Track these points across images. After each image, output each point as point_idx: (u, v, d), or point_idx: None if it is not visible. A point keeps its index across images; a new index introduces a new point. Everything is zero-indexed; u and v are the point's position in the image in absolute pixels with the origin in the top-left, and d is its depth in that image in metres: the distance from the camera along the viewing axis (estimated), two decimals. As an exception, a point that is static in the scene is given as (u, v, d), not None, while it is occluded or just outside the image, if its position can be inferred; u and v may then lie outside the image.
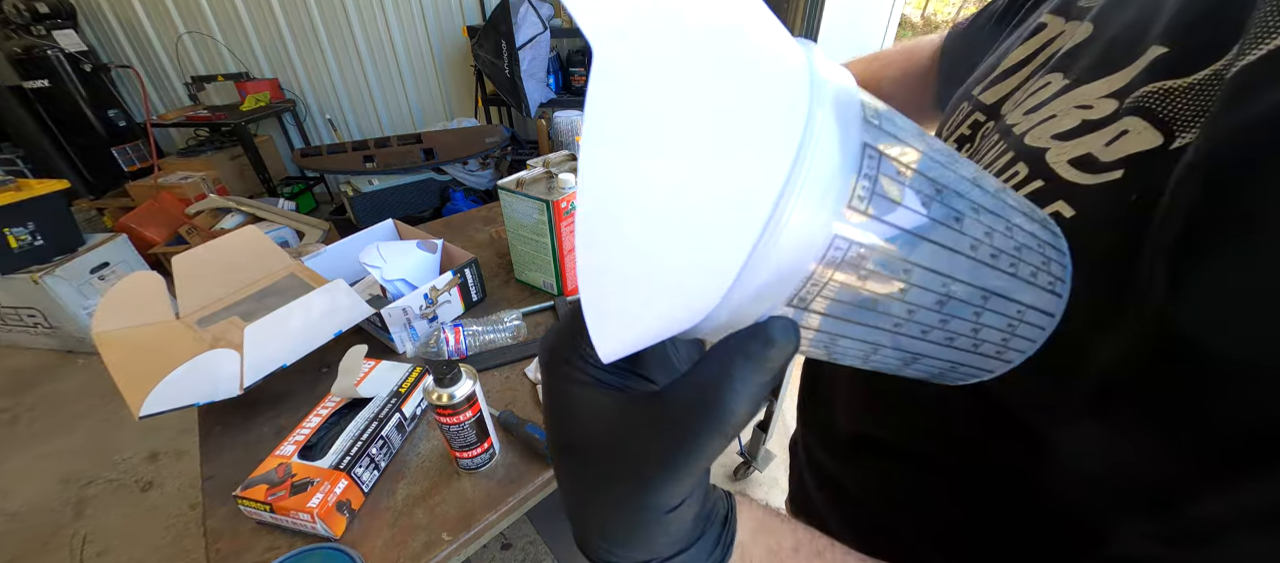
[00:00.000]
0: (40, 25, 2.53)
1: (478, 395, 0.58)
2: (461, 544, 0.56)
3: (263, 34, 2.88)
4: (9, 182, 1.85)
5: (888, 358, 0.18)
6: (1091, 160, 0.22)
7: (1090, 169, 0.22)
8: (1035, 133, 0.26)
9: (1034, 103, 0.28)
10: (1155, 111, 0.20)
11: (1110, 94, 0.23)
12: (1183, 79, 0.20)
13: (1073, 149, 0.23)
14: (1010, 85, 0.32)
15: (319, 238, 2.34)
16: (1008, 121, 0.29)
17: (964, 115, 0.35)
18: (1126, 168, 0.21)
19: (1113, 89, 0.23)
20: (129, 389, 0.61)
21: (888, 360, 0.18)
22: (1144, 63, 0.22)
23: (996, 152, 0.29)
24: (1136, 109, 0.21)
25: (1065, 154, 0.24)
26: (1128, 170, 0.21)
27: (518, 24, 2.13)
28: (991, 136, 0.30)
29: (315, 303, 0.71)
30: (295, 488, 0.55)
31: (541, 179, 0.89)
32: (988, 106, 0.33)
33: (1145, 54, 0.22)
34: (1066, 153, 0.24)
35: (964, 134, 0.34)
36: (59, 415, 1.83)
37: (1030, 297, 0.18)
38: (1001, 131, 0.29)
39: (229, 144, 2.89)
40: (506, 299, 0.95)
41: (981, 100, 0.34)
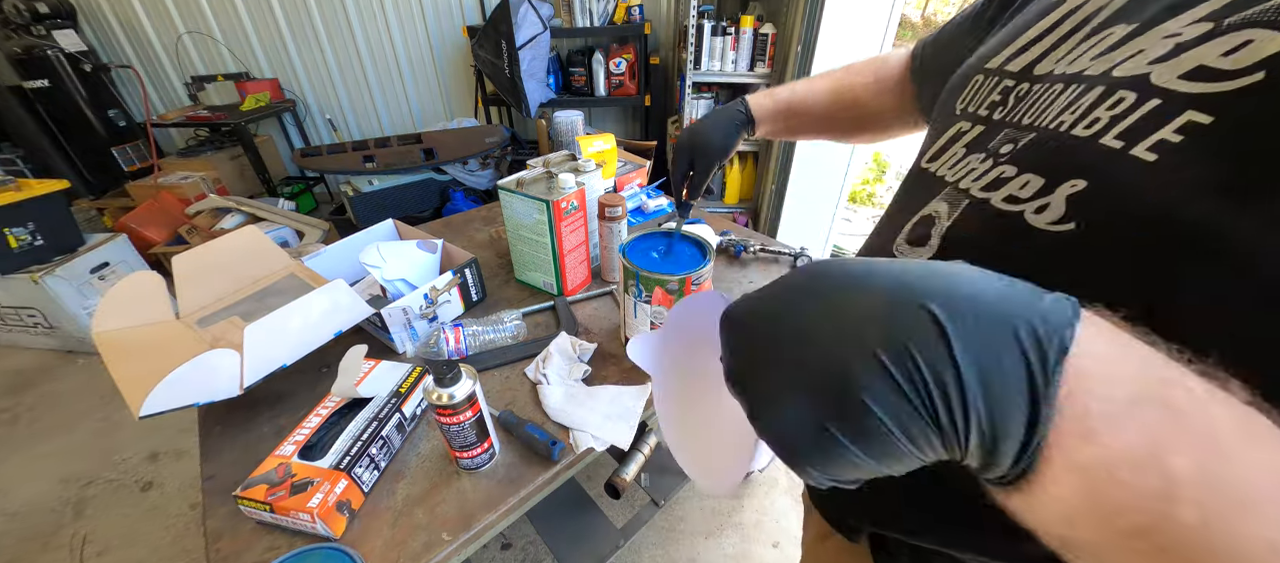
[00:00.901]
0: (40, 25, 2.53)
1: (478, 395, 0.58)
2: (461, 544, 0.56)
3: (263, 34, 2.88)
4: (9, 182, 1.85)
5: None
6: (1210, 70, 0.22)
7: (1215, 79, 0.21)
8: (1124, 66, 0.26)
9: (1102, 48, 0.27)
10: (1277, 22, 0.20)
11: (1200, 20, 0.23)
12: None
13: (1180, 65, 0.23)
14: (1039, 50, 0.32)
15: (319, 238, 2.34)
16: (1069, 71, 0.29)
17: (990, 86, 0.35)
18: (1269, 69, 0.20)
19: (1200, 15, 0.23)
20: (129, 389, 0.61)
21: None
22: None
23: (1073, 92, 0.28)
24: (1252, 22, 0.21)
25: (1173, 70, 0.23)
26: (1270, 70, 0.20)
27: (518, 24, 2.13)
28: (1046, 87, 0.30)
29: (315, 303, 0.71)
30: (295, 488, 0.55)
31: (541, 179, 0.89)
32: (1016, 72, 0.33)
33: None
34: (1174, 69, 0.23)
35: (995, 100, 0.34)
36: (59, 415, 1.83)
37: None
38: (1064, 79, 0.29)
39: (229, 144, 2.89)
40: (506, 299, 0.95)
41: (1007, 69, 0.34)
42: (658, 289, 0.69)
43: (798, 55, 1.91)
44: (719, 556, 1.33)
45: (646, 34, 2.37)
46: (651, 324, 0.73)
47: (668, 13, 2.62)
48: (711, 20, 2.06)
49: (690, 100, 2.24)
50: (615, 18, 2.37)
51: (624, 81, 2.49)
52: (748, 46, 2.10)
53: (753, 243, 1.06)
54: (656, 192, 1.33)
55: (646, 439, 0.91)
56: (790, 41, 2.01)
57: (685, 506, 1.43)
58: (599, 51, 2.47)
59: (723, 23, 2.09)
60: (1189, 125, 0.22)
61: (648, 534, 1.36)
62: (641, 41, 2.39)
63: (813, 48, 1.84)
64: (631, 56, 2.43)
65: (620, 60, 2.43)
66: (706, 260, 0.70)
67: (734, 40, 2.09)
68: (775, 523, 1.41)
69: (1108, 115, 0.25)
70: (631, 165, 1.32)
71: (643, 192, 1.31)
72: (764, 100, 0.69)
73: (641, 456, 0.90)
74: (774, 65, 2.12)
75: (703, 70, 2.13)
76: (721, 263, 1.05)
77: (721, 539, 1.36)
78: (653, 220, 1.24)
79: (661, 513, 1.40)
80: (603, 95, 2.54)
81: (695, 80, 2.15)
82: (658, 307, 0.71)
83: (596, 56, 2.46)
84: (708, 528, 1.39)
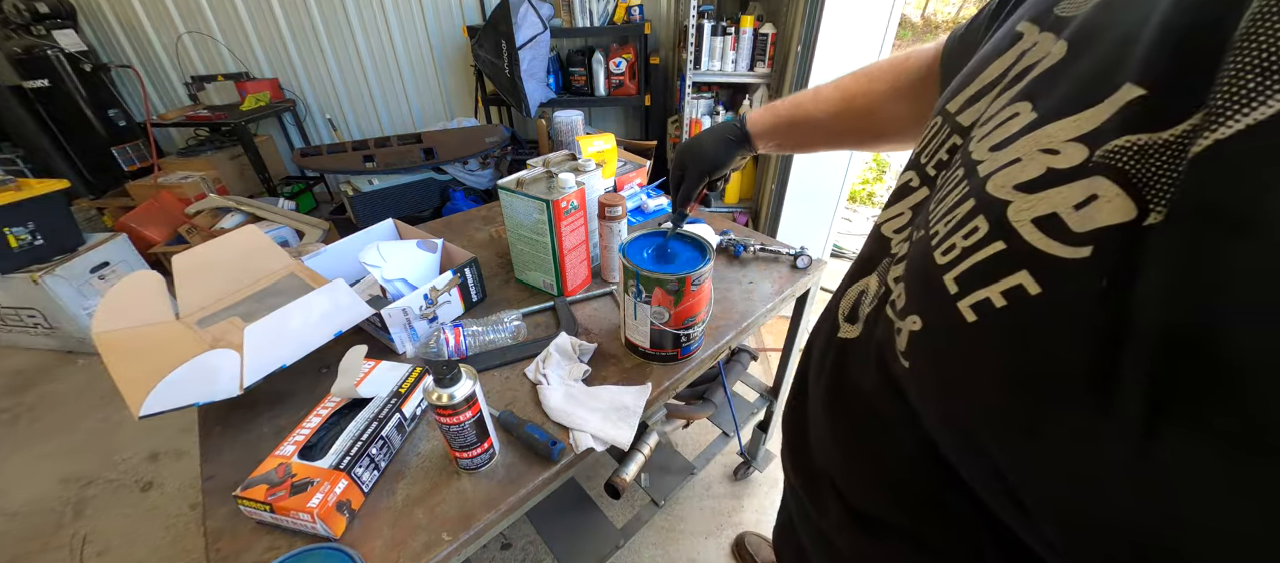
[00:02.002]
0: (40, 25, 2.53)
1: (478, 395, 0.58)
2: (461, 544, 0.56)
3: (263, 34, 2.88)
4: (9, 182, 1.85)
5: None
6: (1059, 225, 0.20)
7: (1060, 237, 0.19)
8: (998, 179, 0.23)
9: (1000, 138, 0.25)
10: (1128, 173, 0.18)
11: (1079, 138, 0.20)
12: (1158, 134, 0.17)
13: (1037, 205, 0.21)
14: (983, 107, 0.29)
15: (319, 238, 2.34)
16: (973, 155, 0.27)
17: (943, 137, 0.32)
18: (1095, 244, 0.18)
19: (1082, 132, 0.20)
20: (129, 389, 0.61)
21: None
22: (1117, 104, 0.19)
23: (958, 194, 0.26)
24: (1106, 168, 0.18)
25: (1029, 211, 0.21)
26: (1096, 248, 0.18)
27: (518, 24, 2.13)
28: (957, 170, 0.28)
29: (315, 303, 0.71)
30: (295, 488, 0.55)
31: (541, 179, 0.89)
32: (964, 129, 0.30)
33: (1118, 93, 0.19)
34: (1030, 210, 0.21)
35: (942, 159, 0.32)
36: (59, 415, 1.83)
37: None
38: (965, 166, 0.27)
39: (229, 144, 2.89)
40: (506, 299, 0.95)
41: (959, 122, 0.31)
42: (658, 289, 0.69)
43: (798, 55, 1.91)
44: (719, 556, 1.33)
45: (646, 34, 2.37)
46: (651, 324, 0.73)
47: (668, 13, 2.62)
48: (711, 20, 2.06)
49: (690, 100, 2.24)
50: (615, 18, 2.37)
51: (624, 81, 2.49)
52: (748, 46, 2.10)
53: (753, 243, 1.06)
54: (656, 192, 1.33)
55: (646, 439, 0.91)
56: (790, 41, 2.01)
57: (685, 506, 1.44)
58: (599, 51, 2.47)
59: (723, 23, 2.09)
60: (1017, 290, 0.20)
61: (648, 534, 1.36)
62: (641, 41, 2.39)
63: (813, 48, 1.84)
64: (631, 56, 2.43)
65: (620, 60, 2.43)
66: (706, 260, 0.70)
67: (734, 40, 2.09)
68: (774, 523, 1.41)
69: (960, 246, 0.24)
70: (631, 165, 1.32)
71: (643, 192, 1.31)
72: (764, 116, 0.67)
73: (641, 456, 0.90)
74: (774, 65, 2.12)
75: (703, 70, 2.13)
76: (721, 263, 1.06)
77: (721, 539, 1.36)
78: (653, 220, 1.24)
79: (661, 513, 1.40)
80: (603, 95, 2.54)
81: (695, 80, 2.15)
82: (658, 307, 0.71)
83: (596, 56, 2.46)
84: (708, 528, 1.39)
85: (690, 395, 1.19)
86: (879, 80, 0.57)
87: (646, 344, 0.77)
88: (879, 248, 0.36)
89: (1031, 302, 0.20)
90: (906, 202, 0.34)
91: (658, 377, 0.77)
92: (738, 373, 1.26)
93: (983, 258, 0.22)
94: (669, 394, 0.79)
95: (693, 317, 0.74)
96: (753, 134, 0.68)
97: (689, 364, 0.80)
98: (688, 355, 0.80)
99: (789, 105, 0.65)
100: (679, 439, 1.58)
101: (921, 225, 0.30)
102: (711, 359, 0.84)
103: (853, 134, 0.63)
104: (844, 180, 2.12)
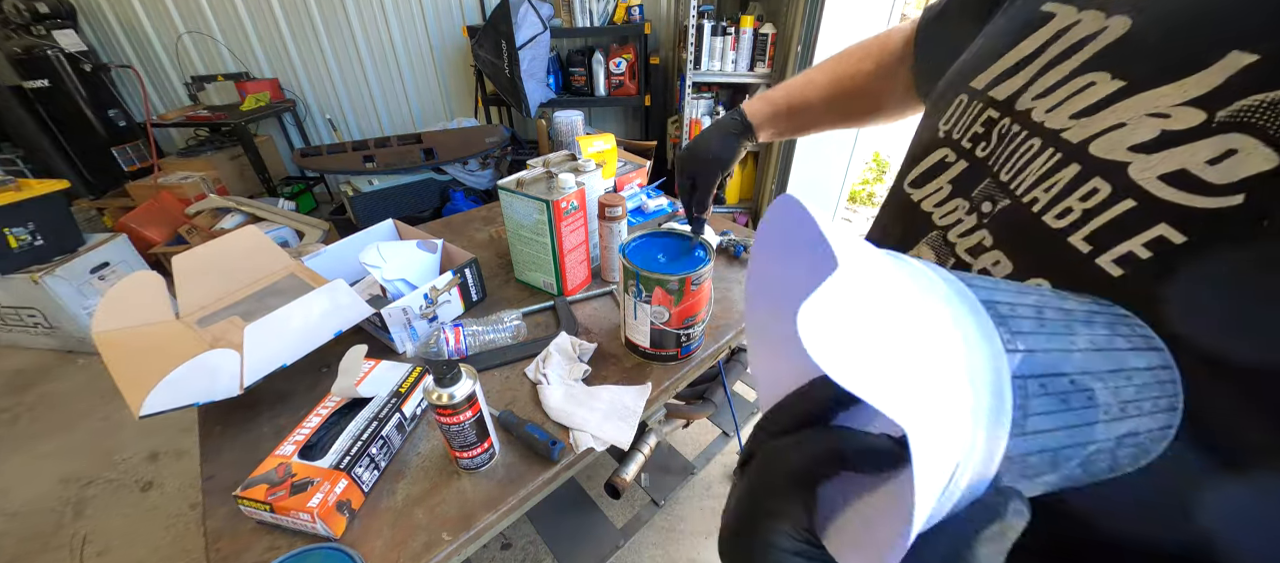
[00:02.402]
0: (40, 25, 2.53)
1: (478, 395, 0.58)
2: (461, 544, 0.56)
3: (263, 34, 2.88)
4: (9, 182, 1.85)
5: (1038, 494, 0.20)
6: (1191, 179, 0.21)
7: (1195, 189, 0.20)
8: (1102, 142, 0.24)
9: (1081, 105, 0.26)
10: (1265, 128, 0.19)
11: (1191, 102, 0.21)
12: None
13: (1160, 163, 0.22)
14: (1024, 79, 0.30)
15: (319, 238, 2.34)
16: (1047, 124, 0.27)
17: (975, 112, 0.33)
18: (1248, 193, 0.19)
19: (1189, 96, 0.21)
20: (129, 389, 0.61)
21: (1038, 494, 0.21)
22: (1229, 69, 0.20)
23: (1047, 161, 0.27)
24: (1240, 125, 0.20)
25: (1152, 169, 0.22)
26: (1249, 195, 0.19)
27: (518, 24, 2.13)
28: (1023, 139, 0.29)
29: (315, 303, 0.71)
30: (295, 488, 0.55)
31: (541, 179, 0.89)
32: (1001, 102, 0.31)
33: (1226, 59, 0.21)
34: (1153, 168, 0.22)
35: (977, 132, 0.33)
36: (59, 415, 1.83)
37: (1152, 422, 0.20)
38: (1041, 134, 0.28)
39: (229, 144, 2.89)
40: (506, 299, 0.95)
41: (992, 96, 0.32)
42: (658, 289, 0.69)
43: (798, 55, 1.92)
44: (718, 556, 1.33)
45: (646, 34, 2.37)
46: (651, 324, 0.73)
47: (668, 13, 2.62)
48: (711, 20, 2.06)
49: (690, 100, 2.24)
50: (615, 18, 2.37)
51: (624, 81, 2.49)
52: (748, 46, 2.10)
53: (753, 242, 1.06)
54: (656, 192, 1.33)
55: (646, 439, 0.92)
56: (790, 41, 2.01)
57: (685, 506, 1.43)
58: (599, 51, 2.47)
59: (723, 23, 2.09)
60: (1159, 241, 0.21)
61: (648, 534, 1.36)
62: (641, 41, 2.39)
63: (813, 48, 1.84)
64: (631, 56, 2.43)
65: (620, 60, 2.43)
66: (707, 260, 0.70)
67: (734, 40, 2.09)
68: (775, 523, 1.40)
69: (1080, 208, 0.25)
70: (631, 165, 1.32)
71: (643, 191, 1.31)
72: (761, 105, 0.68)
73: (641, 456, 0.90)
74: (774, 65, 2.12)
75: (703, 70, 2.13)
76: (721, 263, 1.05)
77: (721, 539, 1.36)
78: (653, 220, 1.24)
79: (661, 513, 1.40)
80: (603, 95, 2.55)
81: (695, 80, 2.15)
82: (658, 307, 0.71)
83: (596, 56, 2.46)
84: (708, 528, 1.39)
85: (690, 395, 1.19)
86: (866, 60, 0.60)
87: (646, 344, 0.77)
88: (916, 222, 0.36)
89: (1179, 249, 0.21)
90: (944, 177, 0.35)
91: (658, 377, 0.77)
92: (738, 373, 1.26)
93: (1113, 216, 0.23)
94: (669, 394, 0.79)
95: (693, 317, 0.74)
96: (753, 123, 0.68)
97: (689, 364, 0.80)
98: (688, 356, 0.80)
99: (783, 92, 0.67)
100: (679, 439, 1.58)
101: (992, 195, 0.30)
102: (711, 359, 0.84)
103: (848, 114, 0.65)
104: (844, 180, 2.12)
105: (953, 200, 0.34)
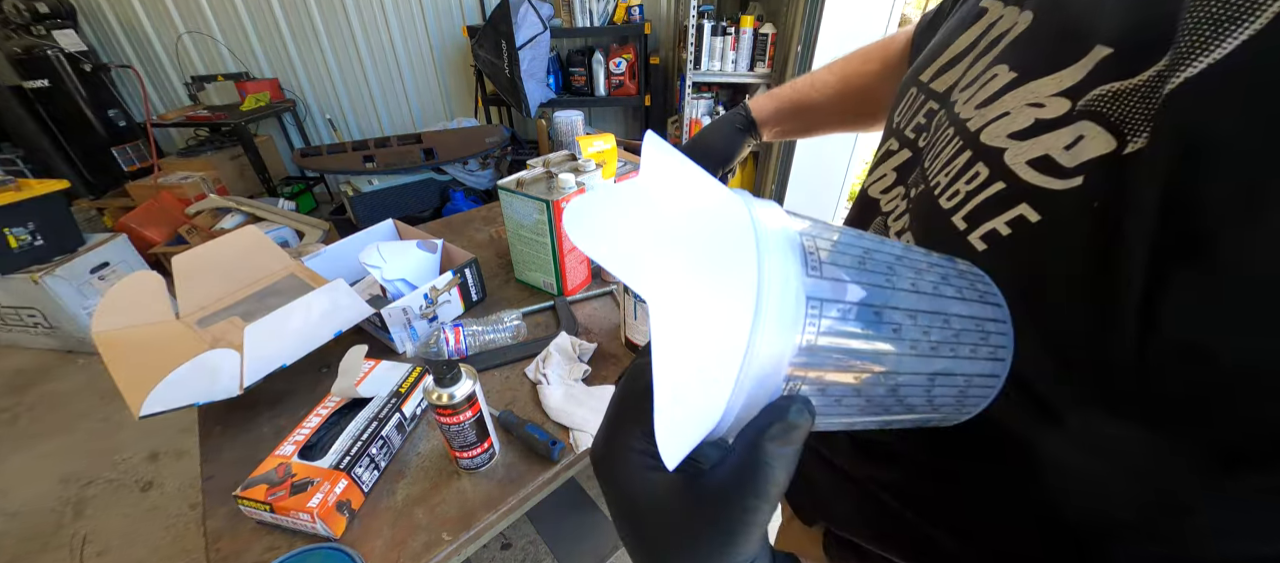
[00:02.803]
0: (40, 25, 2.53)
1: (478, 395, 0.58)
2: (461, 544, 0.56)
3: (263, 34, 2.88)
4: (9, 182, 1.85)
5: (864, 424, 0.22)
6: (1052, 163, 0.22)
7: (1052, 172, 0.22)
8: (990, 130, 0.26)
9: (984, 96, 0.28)
10: (1106, 115, 0.21)
11: (1061, 92, 0.23)
12: (1129, 80, 0.20)
13: (1030, 149, 0.23)
14: (958, 73, 0.32)
15: (319, 238, 2.34)
16: (960, 114, 0.29)
17: (918, 103, 0.35)
18: (1086, 174, 0.21)
19: (1063, 87, 0.23)
20: (129, 389, 0.61)
21: (865, 425, 0.22)
22: (1091, 62, 0.22)
23: (952, 148, 0.29)
24: (1089, 113, 0.21)
25: (1023, 155, 0.24)
26: (1087, 177, 0.21)
27: (518, 24, 2.13)
28: (945, 129, 0.31)
29: (315, 303, 0.71)
30: (295, 488, 0.55)
31: (541, 179, 0.89)
32: (939, 94, 0.33)
33: (1091, 53, 0.22)
34: (1024, 153, 0.24)
35: (920, 123, 0.34)
36: (59, 415, 1.83)
37: (972, 368, 0.21)
38: (954, 124, 0.29)
39: (229, 144, 2.89)
40: (506, 299, 0.95)
41: (933, 88, 0.34)
42: (658, 289, 0.69)
43: (798, 55, 1.91)
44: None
45: (646, 34, 2.37)
46: (651, 324, 0.73)
47: (668, 13, 2.62)
48: (711, 20, 2.06)
49: (690, 100, 2.24)
50: (615, 18, 2.37)
51: (624, 81, 2.49)
52: (748, 46, 2.10)
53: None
54: (656, 192, 1.32)
55: (646, 439, 0.91)
56: (790, 41, 2.01)
57: (685, 506, 1.43)
58: (599, 51, 2.47)
59: (723, 23, 2.09)
60: (1019, 220, 0.23)
61: (648, 534, 1.36)
62: (641, 41, 2.39)
63: (813, 48, 1.84)
64: (631, 56, 2.43)
65: (620, 60, 2.43)
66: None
67: (734, 40, 2.09)
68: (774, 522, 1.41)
69: (964, 190, 0.27)
70: (631, 165, 1.32)
71: (643, 192, 1.31)
72: (766, 102, 0.68)
73: (641, 456, 0.90)
74: (774, 65, 2.12)
75: (703, 70, 2.13)
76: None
77: (721, 539, 1.36)
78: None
79: (661, 513, 1.39)
80: (603, 95, 2.55)
81: (695, 80, 2.16)
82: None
83: (596, 56, 2.46)
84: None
85: (690, 395, 1.19)
86: (871, 61, 0.61)
87: (646, 344, 0.77)
88: (867, 209, 0.39)
89: (1033, 227, 0.23)
90: (889, 164, 0.37)
91: (658, 377, 0.77)
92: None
93: (986, 197, 0.25)
94: (669, 394, 0.79)
95: (693, 317, 0.74)
96: (758, 120, 0.68)
97: (689, 364, 0.80)
98: (688, 355, 0.80)
99: (790, 90, 0.67)
100: (679, 439, 1.58)
101: (917, 181, 0.32)
102: (711, 359, 0.84)
103: (853, 115, 0.65)
104: (844, 178, 2.12)
105: (896, 188, 0.36)
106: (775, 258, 0.17)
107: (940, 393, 0.21)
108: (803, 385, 0.18)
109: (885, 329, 0.19)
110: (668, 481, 0.19)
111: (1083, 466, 0.23)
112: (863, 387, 0.19)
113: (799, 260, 0.18)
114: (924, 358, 0.20)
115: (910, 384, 0.20)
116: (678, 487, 0.19)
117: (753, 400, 0.17)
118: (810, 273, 0.18)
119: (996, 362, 0.22)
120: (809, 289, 0.17)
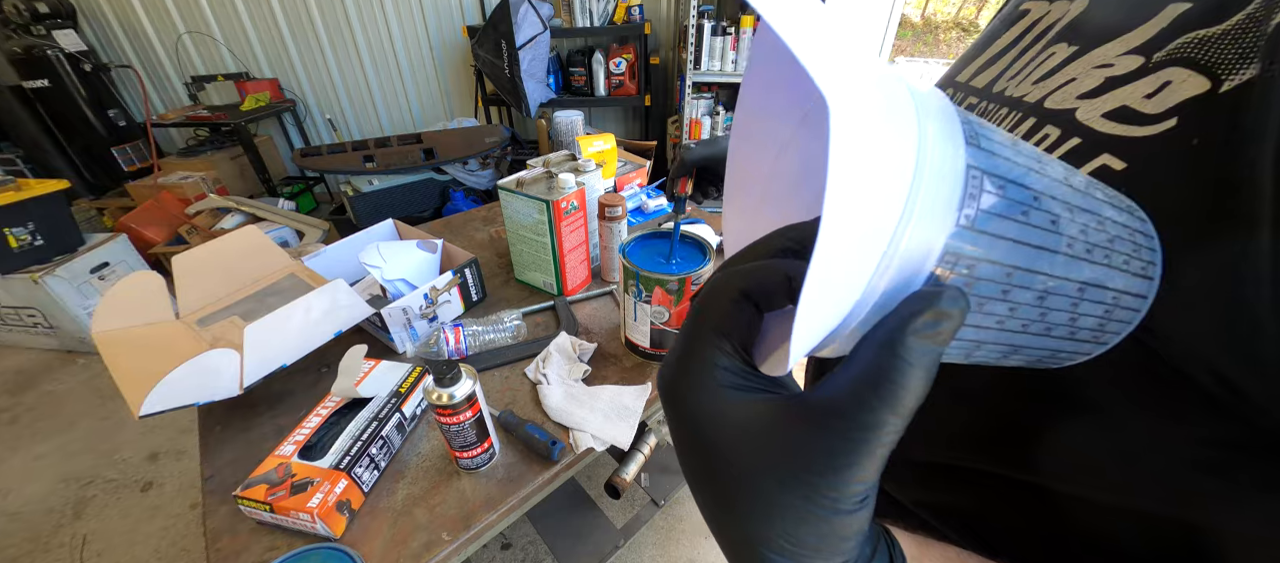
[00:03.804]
0: (40, 25, 2.53)
1: (478, 395, 0.58)
2: (461, 544, 0.56)
3: (263, 34, 2.88)
4: (9, 182, 1.85)
5: (990, 352, 0.19)
6: (1130, 113, 0.22)
7: (1133, 121, 0.22)
8: (1055, 97, 0.26)
9: (1042, 71, 0.28)
10: (1196, 59, 0.20)
11: (1131, 50, 0.23)
12: (1216, 26, 0.20)
13: (1103, 103, 0.23)
14: (1000, 67, 0.32)
15: (319, 238, 2.34)
16: (1013, 94, 0.29)
17: (957, 102, 0.35)
18: (1180, 115, 0.20)
19: (1132, 46, 0.23)
20: (129, 389, 0.61)
21: (990, 354, 0.19)
22: (1166, 19, 0.22)
23: (1010, 122, 0.28)
24: (1176, 59, 0.21)
25: (1097, 109, 0.24)
26: (1181, 118, 0.20)
27: (518, 24, 2.13)
28: (996, 112, 0.30)
29: (315, 303, 0.71)
30: (295, 488, 0.55)
31: (541, 179, 0.89)
32: (979, 89, 0.33)
33: (1163, 12, 0.22)
34: (1098, 108, 0.23)
35: None
36: (59, 415, 1.83)
37: (1123, 283, 0.19)
38: (1007, 103, 0.29)
39: (229, 144, 2.89)
40: (506, 299, 0.95)
41: (973, 85, 0.34)
42: (658, 289, 0.69)
43: (798, 55, 1.91)
44: (718, 556, 1.33)
45: (646, 34, 2.37)
46: (651, 324, 0.73)
47: (668, 13, 2.62)
48: (711, 20, 2.06)
49: (690, 100, 2.24)
50: (615, 18, 2.37)
51: (624, 81, 2.49)
52: (748, 47, 2.10)
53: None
54: (656, 192, 1.33)
55: (646, 439, 0.91)
56: (790, 41, 2.01)
57: (685, 506, 1.43)
58: (599, 51, 2.47)
59: (723, 23, 2.09)
60: (1102, 169, 0.23)
61: (648, 534, 1.36)
62: (641, 41, 2.39)
63: (813, 48, 1.84)
64: (631, 56, 2.43)
65: (620, 60, 2.43)
66: (706, 260, 0.70)
67: (734, 40, 2.09)
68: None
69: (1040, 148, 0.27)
70: (631, 165, 1.32)
71: (643, 192, 1.31)
72: None
73: (641, 455, 0.90)
74: (774, 65, 2.12)
75: (703, 70, 2.13)
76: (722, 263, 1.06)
77: (721, 539, 1.37)
78: (653, 220, 1.25)
79: (661, 513, 1.40)
80: (603, 95, 2.55)
81: (695, 80, 2.16)
82: (658, 307, 0.71)
83: (596, 56, 2.46)
84: (708, 528, 1.39)
85: (690, 395, 1.19)
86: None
87: (646, 344, 0.77)
88: None
89: (1118, 174, 0.22)
90: None
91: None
92: (738, 373, 1.26)
93: (1060, 154, 0.24)
94: (669, 394, 0.79)
95: (693, 317, 0.74)
96: None
97: (689, 364, 0.80)
98: (688, 355, 0.80)
99: None
100: (679, 439, 1.58)
101: None
102: (711, 359, 0.84)
103: None
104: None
105: None
106: (937, 121, 0.14)
107: (1086, 309, 0.18)
108: (951, 278, 0.15)
109: (1042, 218, 0.16)
110: (762, 401, 0.16)
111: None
112: (1011, 288, 0.16)
113: (959, 127, 0.15)
114: (1078, 261, 0.17)
115: (1059, 293, 0.17)
116: (775, 408, 0.16)
117: (890, 294, 0.14)
118: (968, 142, 0.15)
119: (1145, 280, 0.19)
120: (970, 158, 0.15)
